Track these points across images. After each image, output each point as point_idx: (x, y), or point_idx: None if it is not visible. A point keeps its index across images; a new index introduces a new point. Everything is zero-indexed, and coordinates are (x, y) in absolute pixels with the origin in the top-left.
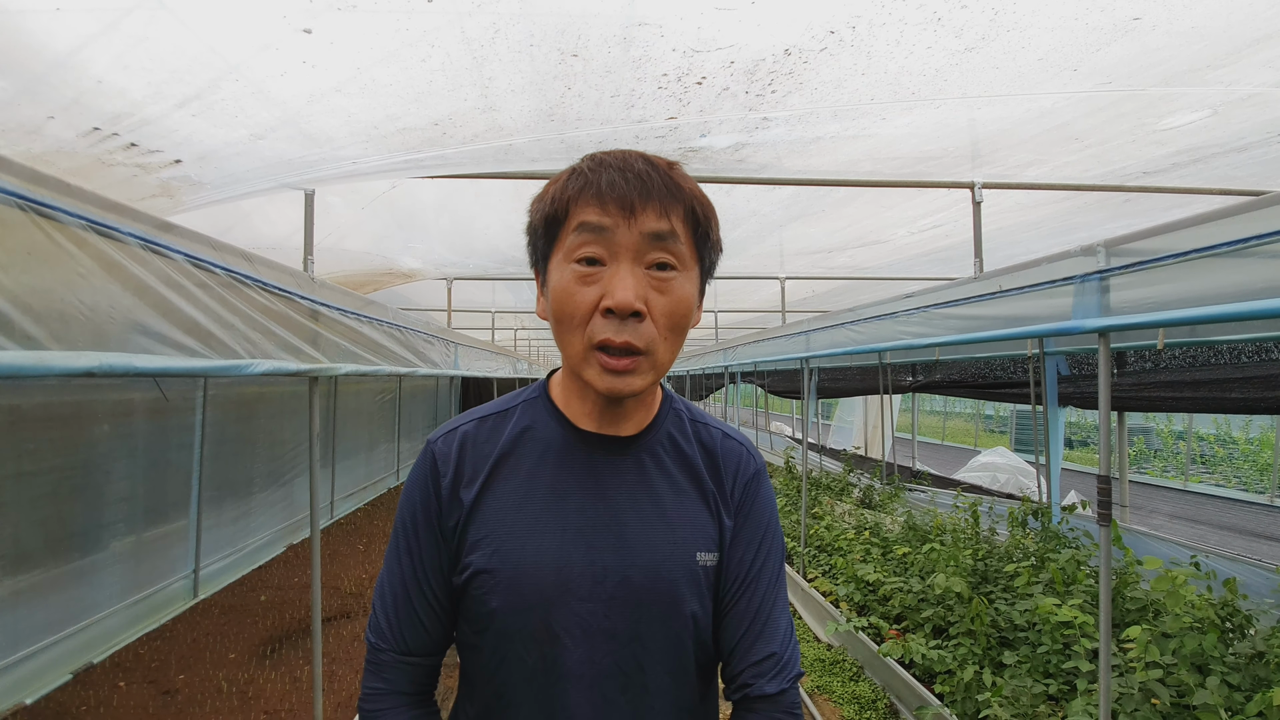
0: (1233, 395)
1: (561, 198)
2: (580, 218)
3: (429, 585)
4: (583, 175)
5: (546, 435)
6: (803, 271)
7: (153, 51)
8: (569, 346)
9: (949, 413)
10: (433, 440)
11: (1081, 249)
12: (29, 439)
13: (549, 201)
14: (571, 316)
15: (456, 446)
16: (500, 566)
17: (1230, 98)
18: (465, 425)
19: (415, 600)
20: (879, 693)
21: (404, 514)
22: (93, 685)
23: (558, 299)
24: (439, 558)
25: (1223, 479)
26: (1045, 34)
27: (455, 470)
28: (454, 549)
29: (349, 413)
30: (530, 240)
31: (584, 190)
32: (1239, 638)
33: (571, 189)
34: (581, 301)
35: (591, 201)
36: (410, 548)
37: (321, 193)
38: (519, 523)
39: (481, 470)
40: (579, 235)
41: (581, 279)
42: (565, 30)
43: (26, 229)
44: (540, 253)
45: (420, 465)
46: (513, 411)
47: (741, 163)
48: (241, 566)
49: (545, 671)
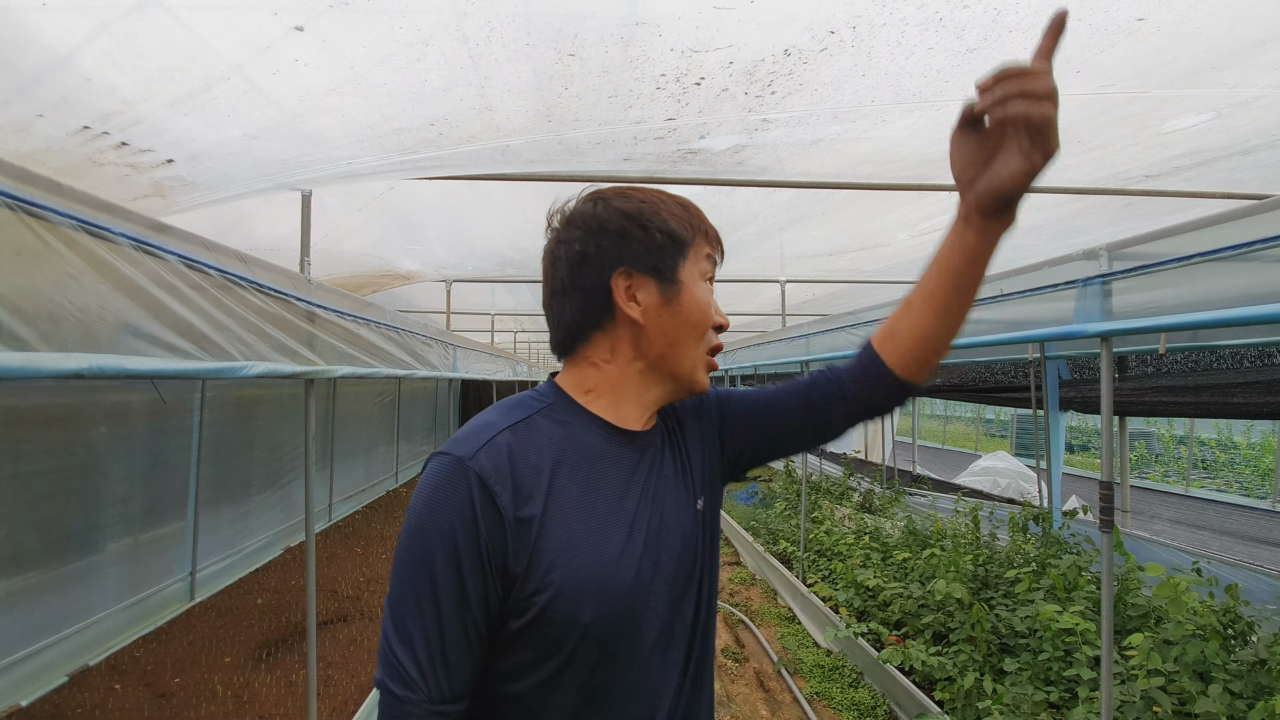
0: (1235, 400)
1: (694, 225)
2: (708, 249)
3: (475, 622)
4: (693, 214)
5: (587, 438)
6: (803, 275)
7: (142, 48)
8: (689, 350)
9: (949, 417)
10: (467, 457)
11: (1084, 253)
12: (26, 440)
13: (692, 217)
14: (706, 325)
15: (506, 460)
16: (587, 580)
17: (1235, 100)
18: (501, 436)
19: (460, 641)
20: (879, 699)
21: (435, 545)
22: (88, 687)
23: (700, 309)
24: (486, 589)
25: (1224, 484)
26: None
27: (513, 487)
28: (518, 573)
29: (347, 415)
30: (656, 245)
31: (707, 229)
32: (1241, 645)
33: (697, 222)
34: (711, 315)
35: (714, 241)
36: (451, 584)
37: (318, 194)
38: (590, 531)
39: (539, 484)
40: (708, 263)
41: (710, 296)
42: (562, 30)
43: (15, 229)
44: (669, 260)
45: (454, 486)
46: (534, 419)
47: (741, 165)
48: (238, 569)
49: (630, 657)
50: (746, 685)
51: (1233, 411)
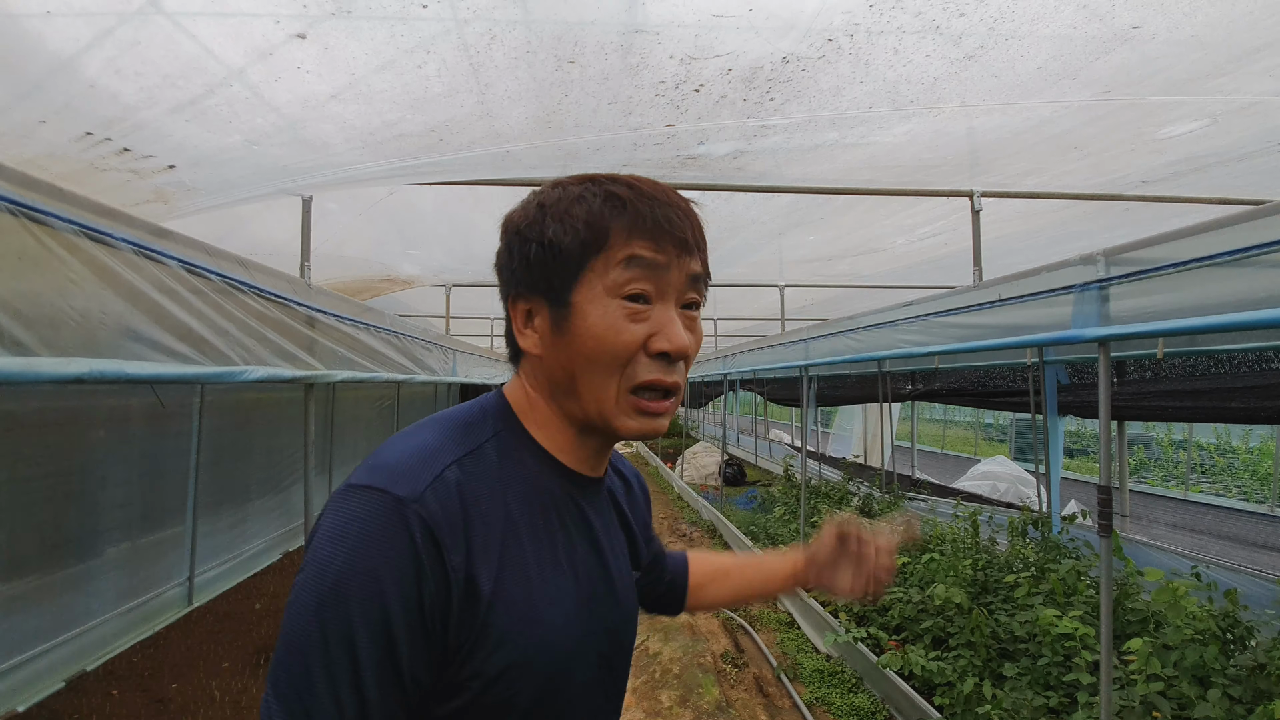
0: (1233, 405)
1: (600, 224)
2: (632, 250)
3: (406, 704)
4: (624, 202)
5: (541, 482)
6: (802, 279)
7: (145, 56)
8: (598, 390)
9: (948, 421)
10: (410, 498)
11: (1081, 258)
12: (24, 444)
13: (582, 225)
14: (616, 357)
15: (458, 506)
16: (537, 657)
17: (1230, 107)
18: (450, 471)
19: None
20: (878, 705)
21: (357, 612)
22: (85, 693)
23: (599, 336)
24: (421, 667)
25: (1223, 488)
26: (1044, 43)
27: (466, 542)
28: (459, 648)
29: (347, 419)
30: (532, 262)
31: (636, 222)
32: (1240, 649)
33: (615, 217)
34: (630, 341)
35: (646, 235)
36: (381, 666)
37: (319, 199)
38: (544, 597)
39: (493, 537)
40: (628, 270)
41: (632, 316)
42: (562, 37)
43: (17, 234)
44: (556, 279)
45: (388, 535)
46: (484, 450)
47: (740, 170)
48: (237, 574)
49: None
50: (746, 691)
51: (1231, 416)
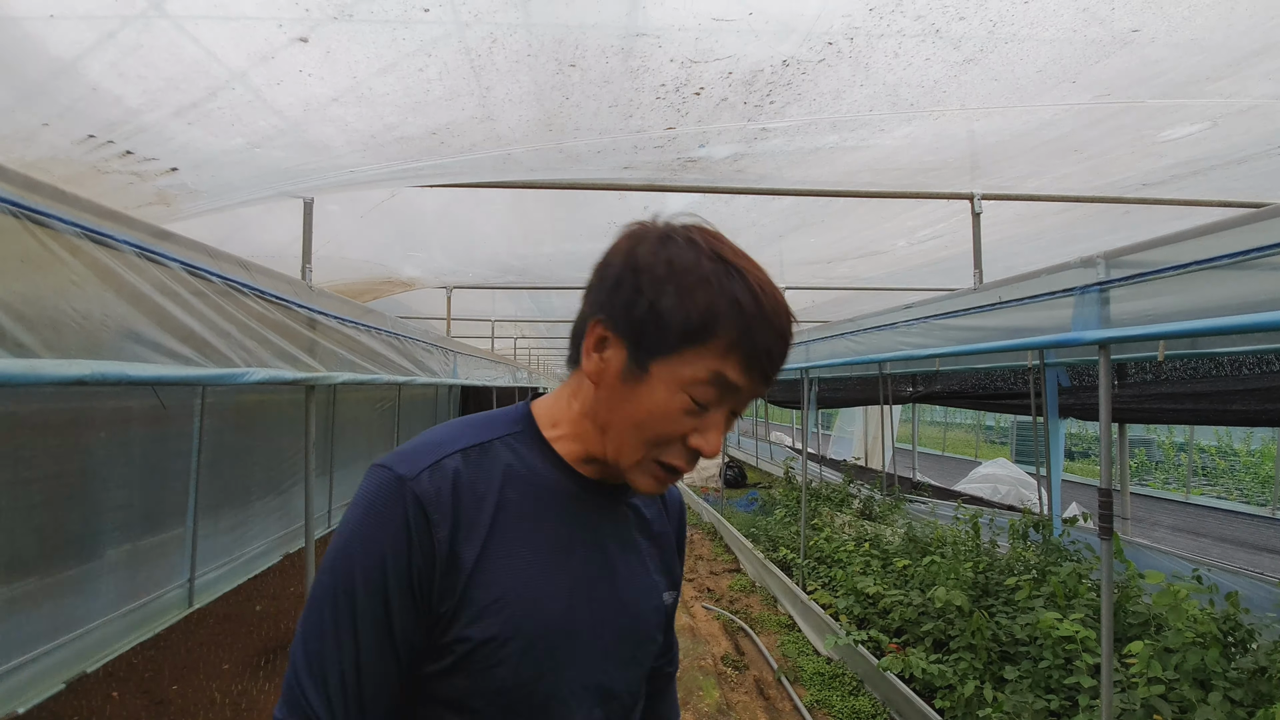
0: (1234, 407)
1: (712, 325)
2: (722, 369)
3: (397, 661)
4: (744, 318)
5: (546, 480)
6: (803, 282)
7: (148, 59)
8: (627, 448)
9: (949, 423)
10: (409, 476)
11: (1081, 260)
12: (26, 446)
13: (697, 315)
14: (658, 437)
15: (450, 488)
16: (514, 635)
17: (1230, 110)
18: (450, 459)
19: (380, 682)
20: (879, 708)
21: (359, 569)
22: (86, 694)
23: (653, 415)
24: (412, 626)
25: (1224, 491)
26: (1044, 46)
27: (453, 519)
28: (442, 614)
29: (347, 421)
30: (634, 315)
31: (742, 344)
32: (1241, 653)
33: (728, 327)
34: (676, 432)
35: (743, 360)
36: (375, 616)
37: (320, 201)
38: (530, 581)
39: (482, 519)
40: (710, 387)
41: (689, 413)
42: (563, 41)
43: (20, 236)
44: (646, 343)
45: (389, 507)
46: (492, 446)
47: (740, 173)
48: (237, 576)
49: None
50: (746, 693)
51: (1232, 418)
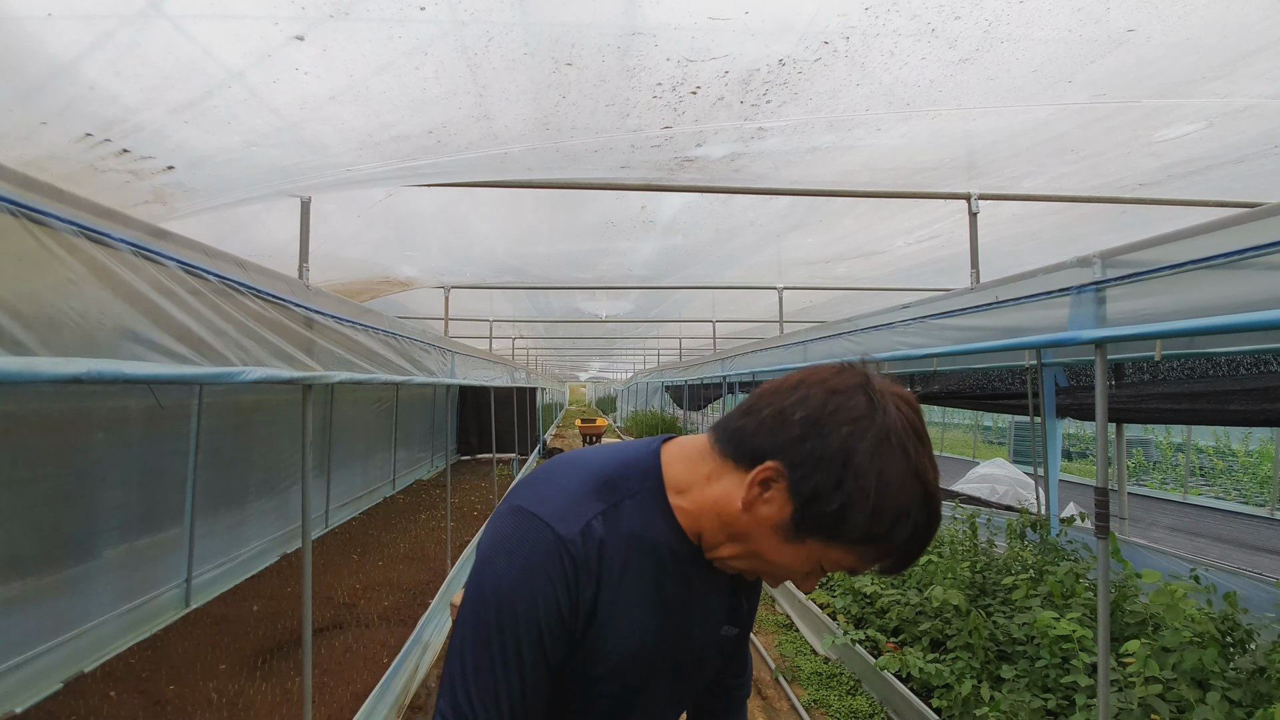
0: (1231, 407)
1: (887, 543)
2: (868, 566)
3: (551, 684)
4: (914, 541)
5: (665, 545)
6: (800, 282)
7: (145, 58)
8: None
9: (947, 423)
10: (567, 538)
11: (1078, 260)
12: (22, 445)
13: (882, 532)
14: (775, 573)
15: (596, 555)
16: (621, 668)
17: (1226, 110)
18: (596, 522)
19: (538, 701)
20: (876, 707)
21: (523, 620)
22: (83, 694)
23: (781, 565)
24: (561, 659)
25: (1222, 491)
26: (1039, 46)
27: (596, 583)
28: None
29: (345, 421)
30: (818, 493)
31: (899, 557)
32: (1240, 652)
33: (898, 547)
34: (792, 576)
35: (888, 565)
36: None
37: (318, 201)
38: (634, 630)
39: (614, 583)
40: (849, 569)
41: (811, 573)
42: (560, 39)
43: (17, 235)
44: (817, 525)
45: (549, 562)
46: (622, 507)
47: (738, 173)
48: (234, 576)
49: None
50: None
51: (1229, 418)
